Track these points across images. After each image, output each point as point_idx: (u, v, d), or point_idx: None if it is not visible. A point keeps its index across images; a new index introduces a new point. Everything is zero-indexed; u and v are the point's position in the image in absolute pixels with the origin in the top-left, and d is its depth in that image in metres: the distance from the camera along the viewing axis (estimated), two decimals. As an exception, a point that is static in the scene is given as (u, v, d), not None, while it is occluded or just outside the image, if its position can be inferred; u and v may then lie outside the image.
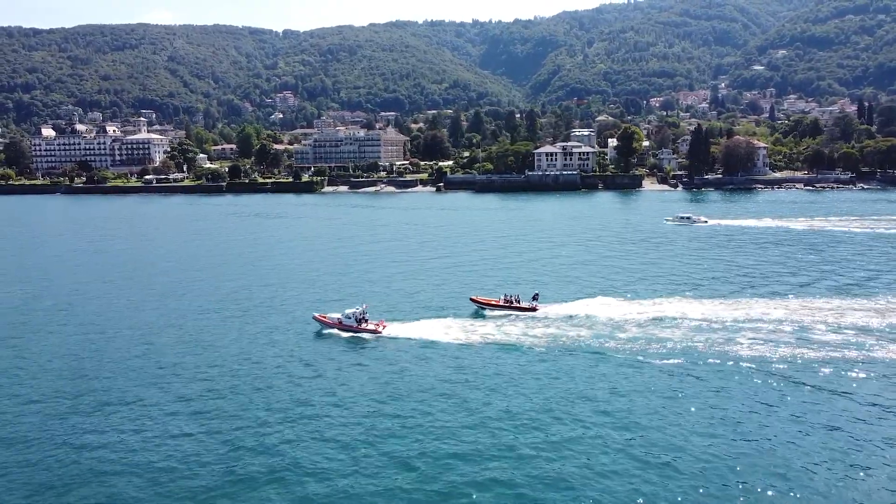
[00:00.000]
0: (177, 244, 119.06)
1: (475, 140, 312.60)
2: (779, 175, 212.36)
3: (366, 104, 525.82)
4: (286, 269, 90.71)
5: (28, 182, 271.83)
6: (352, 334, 58.40)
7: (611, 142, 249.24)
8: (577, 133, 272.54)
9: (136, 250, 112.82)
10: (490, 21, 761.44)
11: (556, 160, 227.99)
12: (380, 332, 58.37)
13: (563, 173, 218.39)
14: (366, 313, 60.08)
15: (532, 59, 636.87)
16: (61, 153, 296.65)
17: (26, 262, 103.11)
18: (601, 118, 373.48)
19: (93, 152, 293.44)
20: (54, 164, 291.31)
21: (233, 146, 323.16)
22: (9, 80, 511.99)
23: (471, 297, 66.33)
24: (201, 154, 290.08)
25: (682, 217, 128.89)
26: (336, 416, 42.43)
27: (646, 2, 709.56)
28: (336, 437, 39.63)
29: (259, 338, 58.89)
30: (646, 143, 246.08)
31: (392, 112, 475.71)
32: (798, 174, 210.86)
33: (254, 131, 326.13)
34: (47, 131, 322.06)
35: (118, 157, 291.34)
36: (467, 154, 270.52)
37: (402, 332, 58.22)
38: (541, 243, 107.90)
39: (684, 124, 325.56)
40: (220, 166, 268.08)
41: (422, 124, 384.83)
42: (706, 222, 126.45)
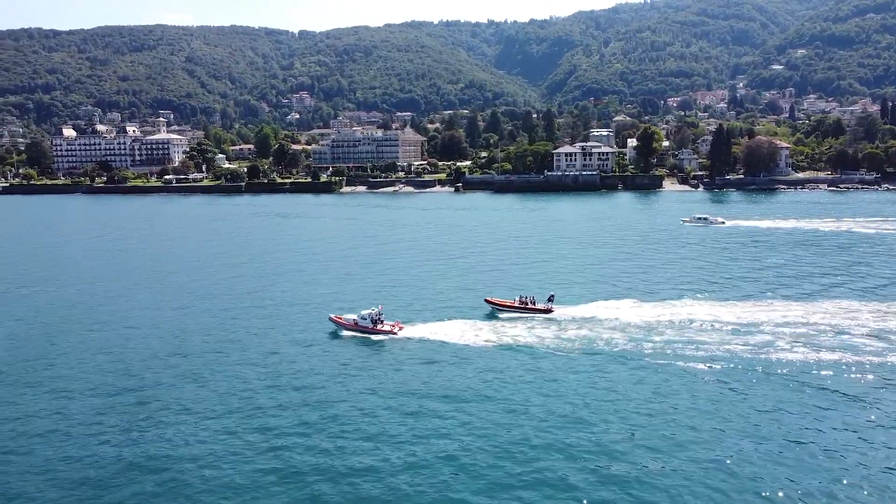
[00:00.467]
0: (198, 244, 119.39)
1: (492, 140, 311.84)
2: (802, 176, 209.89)
3: (382, 104, 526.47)
4: (304, 270, 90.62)
5: (49, 182, 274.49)
6: (367, 336, 58.00)
7: (630, 142, 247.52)
8: (596, 133, 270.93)
9: (158, 250, 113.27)
10: (505, 21, 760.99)
11: (575, 160, 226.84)
12: (395, 334, 57.91)
13: (583, 174, 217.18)
14: (382, 314, 59.62)
15: (548, 59, 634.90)
16: (82, 153, 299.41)
17: (57, 261, 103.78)
18: (618, 118, 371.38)
19: (113, 152, 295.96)
20: (75, 163, 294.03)
21: (251, 146, 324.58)
22: (29, 80, 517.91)
23: (485, 299, 65.94)
24: (220, 154, 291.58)
25: (698, 218, 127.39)
26: (349, 418, 42.11)
27: (662, 1, 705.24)
28: (347, 437, 39.42)
29: (275, 339, 58.66)
30: (665, 144, 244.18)
31: (408, 112, 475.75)
32: (821, 175, 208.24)
33: (271, 132, 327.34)
34: (68, 131, 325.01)
35: (138, 157, 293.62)
36: (485, 154, 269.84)
37: (418, 333, 57.78)
38: (559, 244, 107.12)
39: (703, 124, 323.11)
40: (239, 166, 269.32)
41: (438, 124, 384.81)
42: (723, 223, 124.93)
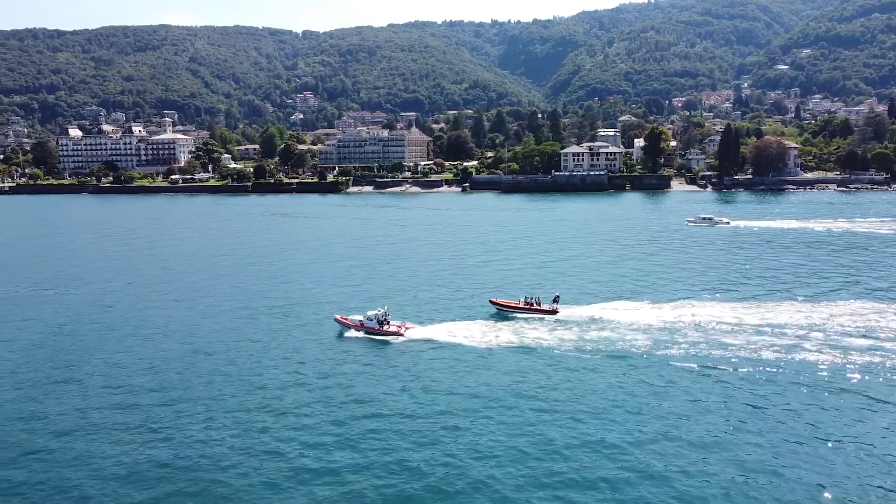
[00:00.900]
0: (207, 244, 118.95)
1: (498, 140, 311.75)
2: (810, 176, 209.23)
3: (386, 104, 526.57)
4: (311, 270, 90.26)
5: (56, 182, 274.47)
6: (374, 336, 57.57)
7: (637, 142, 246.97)
8: (603, 133, 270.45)
9: (170, 250, 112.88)
10: (509, 21, 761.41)
11: (582, 160, 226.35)
12: (402, 335, 57.39)
13: (591, 174, 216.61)
14: (388, 315, 59.17)
15: (551, 59, 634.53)
16: (88, 153, 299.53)
17: (75, 262, 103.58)
18: (623, 118, 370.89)
19: (119, 152, 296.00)
20: (81, 163, 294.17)
21: (256, 146, 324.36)
22: (34, 80, 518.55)
23: (490, 300, 65.55)
24: (225, 154, 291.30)
25: (703, 218, 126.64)
26: (356, 419, 41.80)
27: (666, 1, 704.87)
28: (354, 438, 39.17)
29: (280, 339, 58.24)
30: (673, 144, 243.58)
31: (412, 112, 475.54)
32: (830, 175, 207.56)
33: (277, 132, 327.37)
34: (74, 131, 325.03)
35: (143, 157, 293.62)
36: (491, 154, 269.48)
37: (424, 334, 57.39)
38: (565, 245, 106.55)
39: (709, 124, 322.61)
40: (245, 166, 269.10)
41: (443, 124, 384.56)
42: (728, 223, 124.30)
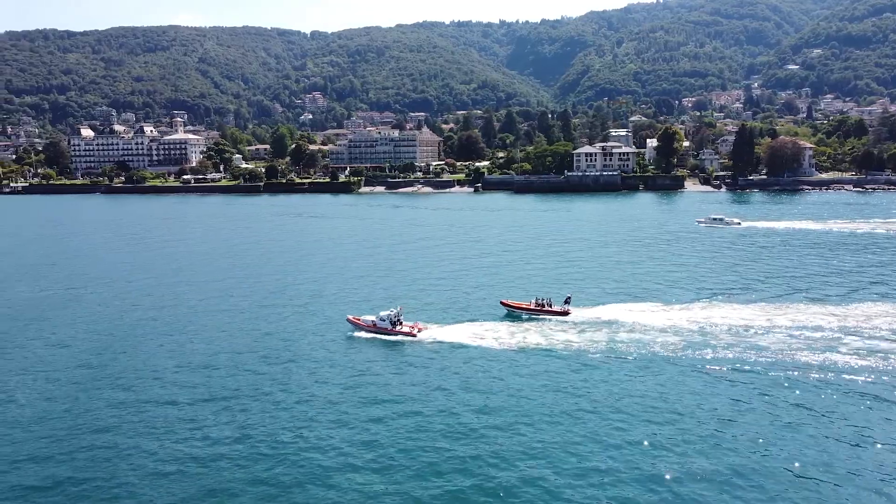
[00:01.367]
0: (221, 243, 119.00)
1: (508, 140, 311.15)
2: (825, 176, 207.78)
3: (394, 105, 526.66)
4: (324, 269, 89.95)
5: (68, 182, 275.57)
6: (387, 337, 57.05)
7: (650, 142, 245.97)
8: (615, 133, 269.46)
9: (183, 250, 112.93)
10: (517, 21, 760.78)
11: (595, 161, 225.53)
12: (415, 336, 56.86)
13: (604, 174, 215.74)
14: (401, 315, 58.66)
15: (560, 59, 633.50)
16: (100, 153, 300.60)
17: (91, 262, 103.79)
18: (634, 118, 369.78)
19: (130, 152, 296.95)
20: (93, 163, 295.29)
21: (266, 146, 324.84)
22: (44, 81, 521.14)
23: (501, 301, 65.08)
24: (236, 154, 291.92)
25: (714, 219, 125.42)
26: (368, 421, 41.47)
27: (675, 1, 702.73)
28: (367, 441, 38.88)
29: (293, 340, 57.78)
30: (686, 144, 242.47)
31: (421, 113, 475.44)
32: (846, 175, 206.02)
33: (287, 132, 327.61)
34: (86, 132, 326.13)
35: (155, 157, 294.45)
36: (502, 154, 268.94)
37: (436, 335, 56.91)
38: (577, 245, 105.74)
39: (720, 125, 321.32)
40: (256, 166, 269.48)
41: (452, 125, 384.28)
42: (739, 224, 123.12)
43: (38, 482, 35.40)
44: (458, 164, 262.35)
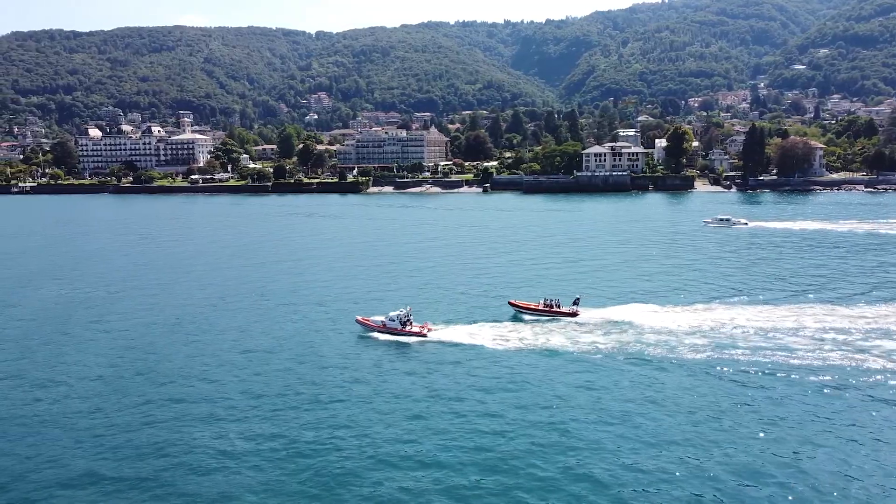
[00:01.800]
0: (232, 243, 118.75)
1: (515, 140, 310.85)
2: (836, 177, 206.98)
3: (400, 105, 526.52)
4: (333, 269, 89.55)
5: (77, 182, 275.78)
6: (397, 337, 56.63)
7: (658, 142, 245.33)
8: (623, 133, 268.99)
9: (201, 250, 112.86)
10: (522, 21, 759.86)
11: (604, 161, 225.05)
12: (425, 336, 56.44)
13: (613, 174, 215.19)
14: (410, 315, 58.24)
15: (565, 59, 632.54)
16: (107, 153, 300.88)
17: (105, 263, 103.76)
18: (641, 118, 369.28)
19: (138, 152, 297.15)
20: (100, 163, 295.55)
21: (273, 146, 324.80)
22: (51, 81, 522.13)
23: (509, 301, 64.65)
24: (244, 154, 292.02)
25: (720, 219, 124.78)
26: (379, 422, 41.21)
27: (680, 1, 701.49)
28: (375, 441, 38.72)
29: (301, 341, 57.33)
30: (695, 144, 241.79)
31: (426, 113, 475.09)
32: (857, 175, 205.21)
33: (294, 132, 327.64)
34: (94, 132, 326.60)
35: (163, 157, 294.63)
36: (510, 154, 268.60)
37: (446, 335, 56.53)
38: (585, 246, 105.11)
39: (728, 125, 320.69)
40: (264, 166, 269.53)
41: (458, 125, 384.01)
42: (746, 224, 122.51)
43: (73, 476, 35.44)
44: (466, 164, 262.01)
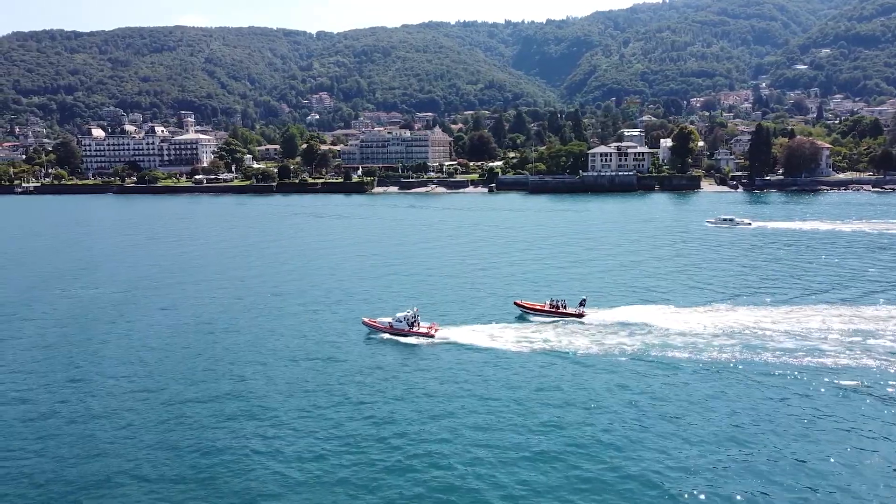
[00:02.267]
0: (240, 242, 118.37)
1: (519, 140, 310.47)
2: (843, 176, 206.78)
3: (401, 105, 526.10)
4: (340, 270, 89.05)
5: (80, 182, 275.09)
6: (404, 339, 56.22)
7: (664, 142, 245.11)
8: (628, 133, 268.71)
9: (202, 250, 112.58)
10: (523, 21, 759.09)
11: (610, 161, 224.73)
12: (433, 336, 56.06)
13: (619, 174, 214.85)
14: (418, 316, 57.82)
15: (566, 59, 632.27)
16: (111, 153, 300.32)
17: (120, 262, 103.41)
18: (644, 118, 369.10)
19: (141, 152, 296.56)
20: (104, 163, 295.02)
21: (276, 146, 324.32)
22: (52, 81, 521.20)
23: (515, 302, 64.30)
24: (247, 154, 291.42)
25: (724, 219, 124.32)
26: (387, 423, 40.90)
27: (681, 1, 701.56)
28: (386, 442, 38.51)
29: (307, 343, 56.89)
30: (700, 144, 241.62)
31: (428, 113, 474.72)
32: (864, 175, 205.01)
33: (298, 132, 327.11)
34: (97, 132, 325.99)
35: (166, 158, 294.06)
36: (514, 154, 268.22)
37: (454, 336, 56.21)
38: (591, 246, 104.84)
39: (731, 125, 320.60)
40: (268, 167, 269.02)
41: (461, 125, 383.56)
42: (750, 224, 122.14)
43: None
44: (471, 164, 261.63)
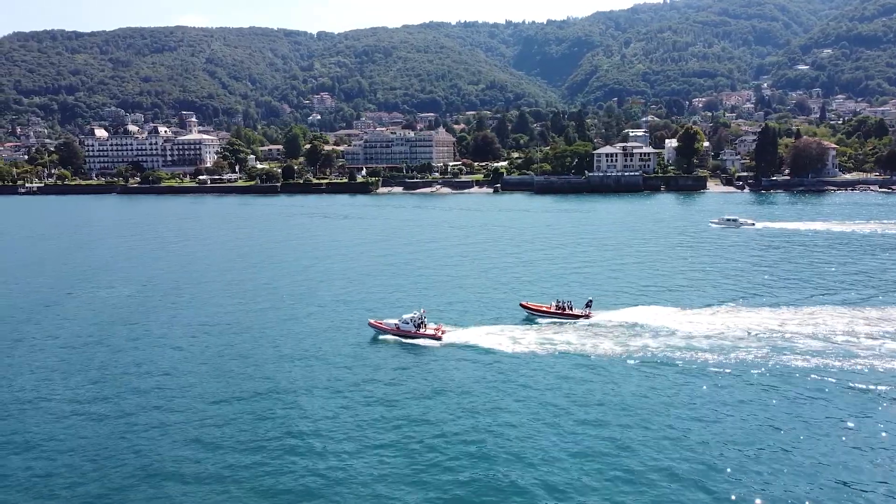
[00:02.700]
0: (249, 244, 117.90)
1: (522, 141, 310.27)
2: (850, 177, 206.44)
3: (403, 105, 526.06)
4: (349, 271, 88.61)
5: (84, 182, 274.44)
6: (411, 340, 55.71)
7: (669, 143, 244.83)
8: (633, 133, 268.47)
9: (211, 251, 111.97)
10: (523, 22, 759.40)
11: (616, 161, 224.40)
12: (440, 338, 55.59)
13: (625, 175, 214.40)
14: (424, 318, 57.43)
15: (567, 59, 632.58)
16: (114, 153, 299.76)
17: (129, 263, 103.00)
18: (646, 118, 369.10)
19: (145, 153, 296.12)
20: (107, 164, 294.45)
21: (279, 147, 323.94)
22: (53, 81, 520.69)
23: (521, 303, 63.76)
24: (250, 155, 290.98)
25: (728, 220, 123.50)
26: (397, 425, 40.57)
27: (682, 1, 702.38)
28: (397, 445, 38.25)
29: (313, 345, 56.29)
30: (705, 144, 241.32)
31: (430, 113, 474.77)
32: (871, 176, 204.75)
33: (301, 132, 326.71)
34: (100, 132, 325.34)
35: (169, 158, 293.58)
36: (517, 155, 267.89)
37: (461, 337, 55.72)
38: (596, 246, 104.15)
39: (734, 125, 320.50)
40: (272, 167, 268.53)
41: (463, 125, 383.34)
42: (753, 225, 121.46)
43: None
44: (475, 164, 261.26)
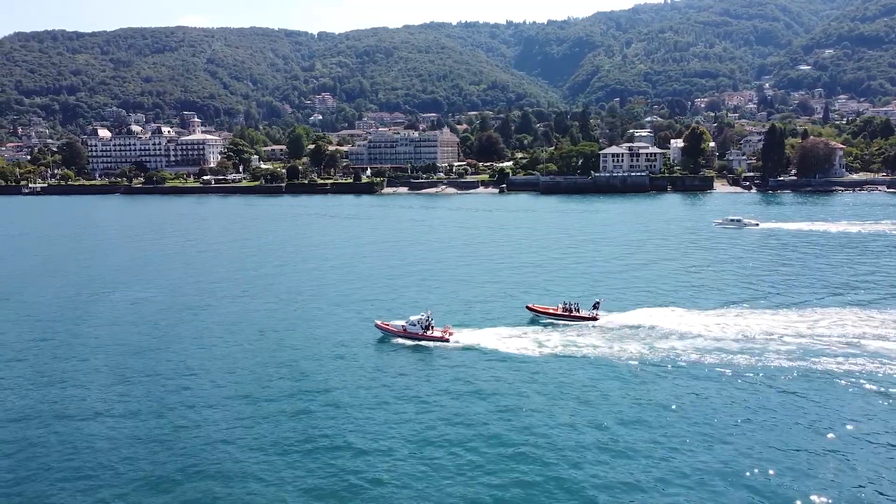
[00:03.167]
0: (257, 244, 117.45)
1: (526, 141, 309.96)
2: (857, 177, 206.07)
3: (404, 105, 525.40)
4: (356, 272, 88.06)
5: (87, 183, 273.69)
6: (418, 342, 55.24)
7: (674, 143, 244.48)
8: (638, 134, 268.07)
9: (219, 252, 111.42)
10: (524, 22, 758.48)
11: (622, 161, 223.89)
12: (447, 340, 55.12)
13: (631, 175, 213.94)
14: (431, 320, 56.89)
15: (568, 60, 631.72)
16: (117, 154, 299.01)
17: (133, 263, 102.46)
18: (649, 118, 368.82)
19: (148, 153, 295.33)
20: (110, 164, 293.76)
21: (282, 147, 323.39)
22: (54, 82, 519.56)
23: (527, 306, 63.14)
24: (254, 155, 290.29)
25: (731, 220, 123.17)
26: (405, 428, 40.12)
27: (683, 1, 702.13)
28: (403, 446, 37.95)
29: (319, 347, 55.66)
30: (711, 144, 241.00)
31: (431, 113, 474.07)
32: (878, 176, 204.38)
33: (304, 132, 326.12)
34: (103, 132, 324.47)
35: (173, 158, 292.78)
36: (522, 155, 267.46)
37: (468, 339, 55.16)
38: (602, 247, 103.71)
39: (738, 125, 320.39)
40: (276, 167, 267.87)
41: (465, 125, 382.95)
42: (757, 225, 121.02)
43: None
44: (480, 164, 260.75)
